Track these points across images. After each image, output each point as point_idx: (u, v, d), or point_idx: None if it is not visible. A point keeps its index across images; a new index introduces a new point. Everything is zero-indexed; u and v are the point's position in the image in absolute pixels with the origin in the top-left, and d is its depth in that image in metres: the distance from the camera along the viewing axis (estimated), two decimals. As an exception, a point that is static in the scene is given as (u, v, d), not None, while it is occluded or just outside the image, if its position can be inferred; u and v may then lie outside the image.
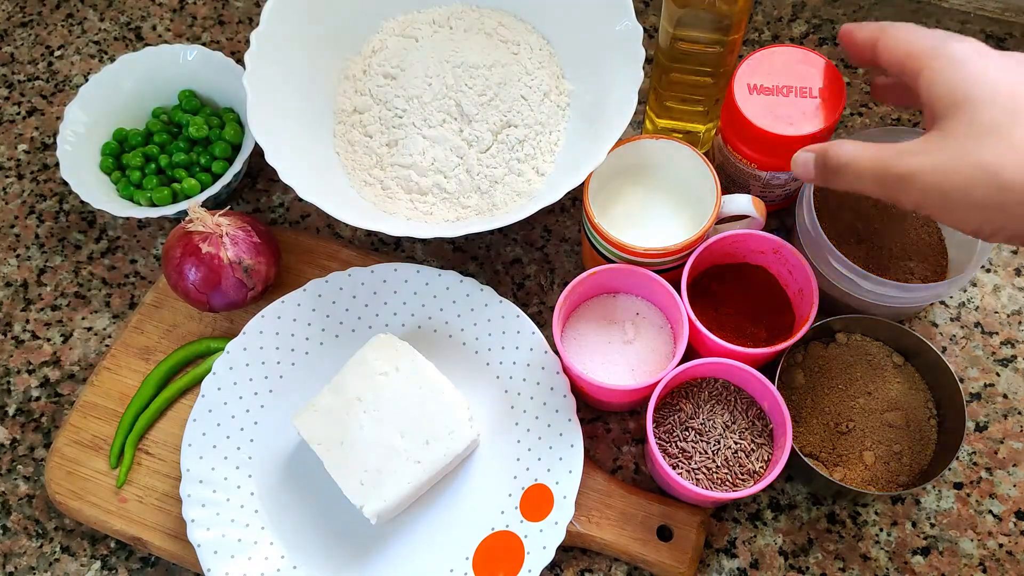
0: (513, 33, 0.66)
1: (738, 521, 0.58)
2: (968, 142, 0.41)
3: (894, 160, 0.43)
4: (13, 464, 0.62)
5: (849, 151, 0.45)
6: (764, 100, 0.54)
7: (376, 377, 0.56)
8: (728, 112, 0.56)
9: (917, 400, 0.56)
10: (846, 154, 0.46)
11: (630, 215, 0.58)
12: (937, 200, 0.42)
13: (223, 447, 0.58)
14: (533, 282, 0.65)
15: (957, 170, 0.41)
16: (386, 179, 0.62)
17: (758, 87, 0.54)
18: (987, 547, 0.56)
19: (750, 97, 0.54)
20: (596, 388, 0.54)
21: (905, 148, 0.43)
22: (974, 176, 0.40)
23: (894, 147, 0.44)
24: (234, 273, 0.59)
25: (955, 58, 0.42)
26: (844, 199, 0.62)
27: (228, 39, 0.77)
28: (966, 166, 0.41)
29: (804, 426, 0.56)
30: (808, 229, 0.56)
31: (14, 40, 0.78)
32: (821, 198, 0.61)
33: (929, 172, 0.42)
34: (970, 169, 0.40)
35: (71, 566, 0.59)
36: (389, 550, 0.56)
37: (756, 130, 0.54)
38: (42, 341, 0.66)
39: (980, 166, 0.40)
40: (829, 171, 0.47)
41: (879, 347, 0.57)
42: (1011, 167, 0.39)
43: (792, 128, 0.53)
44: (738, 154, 0.57)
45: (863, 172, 0.45)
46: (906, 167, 0.42)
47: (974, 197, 0.41)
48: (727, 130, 0.57)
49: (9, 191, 0.72)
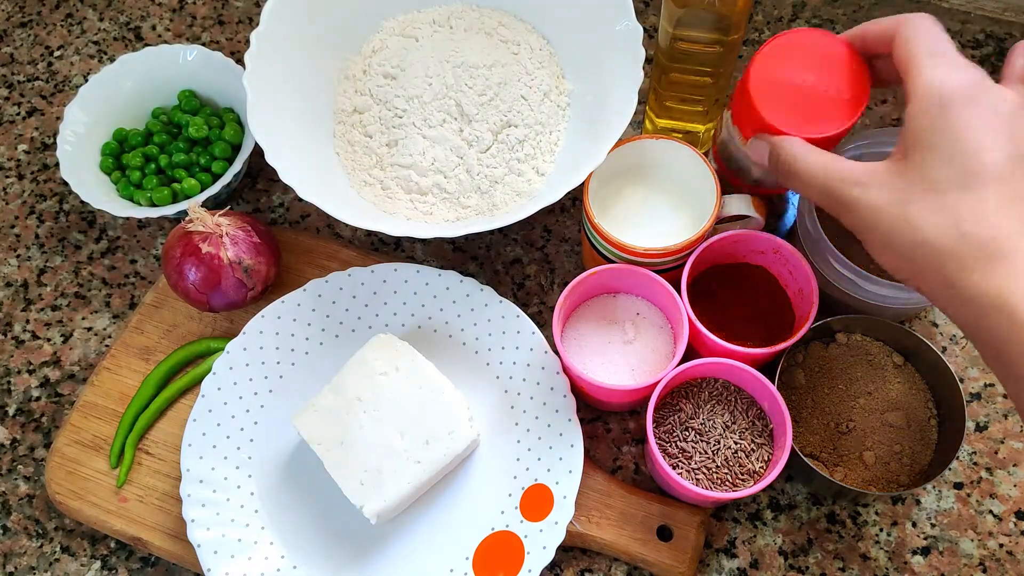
0: (513, 33, 0.66)
1: (738, 521, 0.58)
2: (911, 189, 0.41)
3: (838, 185, 0.43)
4: (13, 464, 0.62)
5: (799, 159, 0.45)
6: (780, 89, 0.48)
7: (376, 377, 0.56)
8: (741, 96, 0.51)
9: (917, 400, 0.56)
10: (795, 161, 0.45)
11: (630, 215, 0.58)
12: (866, 233, 0.43)
13: (223, 447, 0.58)
14: (533, 282, 0.65)
15: (889, 213, 0.41)
16: (386, 179, 0.62)
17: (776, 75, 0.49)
18: (987, 547, 0.56)
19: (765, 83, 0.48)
20: (596, 388, 0.54)
21: (852, 174, 0.43)
22: (898, 225, 0.41)
23: (844, 167, 0.44)
24: (234, 273, 0.59)
25: (942, 97, 0.41)
26: None
27: (228, 39, 0.77)
28: (898, 213, 0.41)
29: (804, 426, 0.56)
30: (809, 229, 0.56)
31: (14, 40, 0.78)
32: None
33: (865, 207, 0.42)
34: (898, 219, 0.41)
35: (71, 566, 0.59)
36: (389, 550, 0.56)
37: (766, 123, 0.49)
38: (42, 341, 0.66)
39: (906, 218, 0.40)
40: (780, 171, 0.47)
41: (879, 347, 0.57)
42: (931, 229, 0.40)
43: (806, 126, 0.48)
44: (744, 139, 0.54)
45: (810, 183, 0.45)
46: (849, 195, 0.43)
47: (894, 244, 0.41)
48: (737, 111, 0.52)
49: (9, 191, 0.72)
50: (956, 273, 0.39)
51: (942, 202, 0.40)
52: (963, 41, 0.71)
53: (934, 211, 0.40)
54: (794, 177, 0.46)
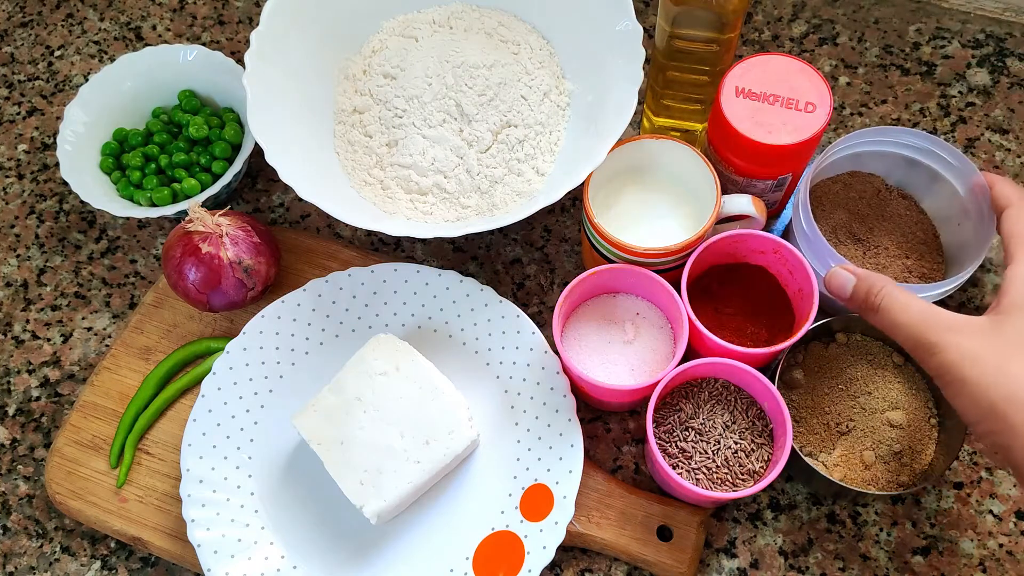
0: (513, 33, 0.66)
1: (738, 521, 0.58)
2: (1010, 345, 0.42)
3: (933, 327, 0.44)
4: (13, 464, 0.62)
5: (900, 302, 0.46)
6: (749, 105, 0.54)
7: (376, 377, 0.56)
8: (713, 115, 0.56)
9: (917, 400, 0.56)
10: (895, 303, 0.46)
11: (630, 215, 0.58)
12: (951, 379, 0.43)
13: (223, 447, 0.58)
14: (533, 282, 0.65)
15: (984, 363, 0.42)
16: (386, 179, 0.62)
17: (746, 91, 0.54)
18: (987, 547, 0.56)
19: (736, 100, 0.54)
20: (596, 388, 0.54)
21: (948, 320, 0.44)
22: (992, 377, 0.42)
23: (940, 313, 0.45)
24: (234, 273, 0.59)
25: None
26: (839, 199, 0.62)
27: (228, 39, 0.77)
28: (995, 365, 0.42)
29: (804, 426, 0.56)
30: (804, 229, 0.56)
31: (14, 40, 0.78)
32: (816, 198, 0.61)
33: (956, 352, 0.43)
34: (994, 370, 0.42)
35: (71, 566, 0.59)
36: (389, 550, 0.56)
37: (735, 133, 0.53)
38: (42, 341, 0.66)
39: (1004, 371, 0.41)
40: (867, 306, 0.48)
41: (879, 347, 0.57)
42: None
43: (770, 136, 0.53)
44: (719, 156, 0.57)
45: (902, 326, 0.46)
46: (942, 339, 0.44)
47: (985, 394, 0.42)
48: (712, 132, 0.57)
49: (9, 191, 0.72)
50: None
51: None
52: (963, 41, 0.71)
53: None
54: (885, 313, 0.47)
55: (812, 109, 0.53)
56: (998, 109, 0.68)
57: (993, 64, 0.70)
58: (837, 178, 0.62)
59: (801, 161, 0.56)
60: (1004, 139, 0.67)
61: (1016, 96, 0.69)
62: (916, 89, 0.70)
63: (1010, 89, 0.69)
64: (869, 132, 0.58)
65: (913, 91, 0.70)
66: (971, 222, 0.57)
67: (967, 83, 0.70)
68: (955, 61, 0.71)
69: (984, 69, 0.70)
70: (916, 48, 0.71)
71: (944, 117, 0.69)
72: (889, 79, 0.70)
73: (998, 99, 0.69)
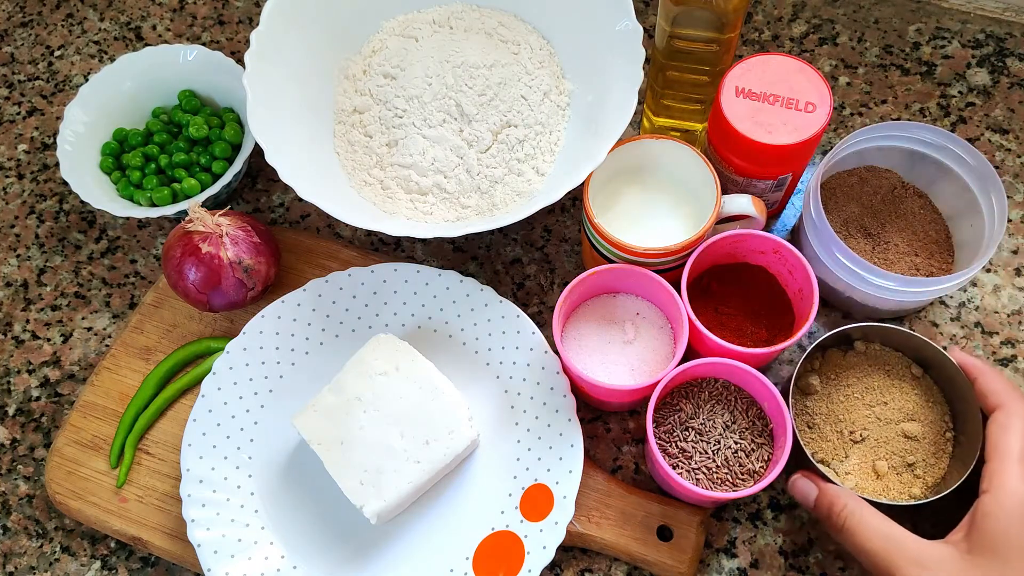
0: (513, 33, 0.66)
1: (738, 521, 0.58)
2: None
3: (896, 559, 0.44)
4: (13, 464, 0.62)
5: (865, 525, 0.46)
6: (749, 105, 0.54)
7: (376, 377, 0.56)
8: (713, 115, 0.56)
9: (934, 413, 0.55)
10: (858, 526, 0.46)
11: (630, 215, 0.58)
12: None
13: (223, 447, 0.58)
14: (533, 282, 0.65)
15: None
16: (386, 179, 0.62)
17: (746, 91, 0.54)
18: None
19: (736, 100, 0.54)
20: (596, 388, 0.54)
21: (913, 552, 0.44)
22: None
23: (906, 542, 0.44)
24: (234, 273, 0.59)
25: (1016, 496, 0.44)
26: (853, 193, 0.61)
27: (228, 39, 0.77)
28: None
29: (817, 432, 0.55)
30: (814, 221, 0.56)
31: (14, 40, 0.78)
32: (830, 190, 0.61)
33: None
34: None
35: (71, 566, 0.59)
36: (389, 550, 0.56)
37: (735, 133, 0.53)
38: (42, 341, 0.66)
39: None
40: (831, 524, 0.48)
41: (898, 357, 0.56)
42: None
43: (770, 136, 0.53)
44: (719, 156, 0.57)
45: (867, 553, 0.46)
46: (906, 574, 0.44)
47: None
48: (712, 132, 0.57)
49: (9, 191, 0.72)
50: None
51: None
52: (963, 41, 0.71)
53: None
54: (848, 535, 0.47)
55: (812, 109, 0.53)
56: (998, 109, 0.68)
57: (993, 64, 0.70)
58: (853, 171, 0.62)
59: (801, 161, 0.56)
60: (1004, 139, 0.67)
61: (1016, 96, 0.69)
62: (916, 89, 0.70)
63: (1010, 89, 0.69)
64: (878, 128, 0.58)
65: (913, 91, 0.70)
66: (983, 223, 0.57)
67: (967, 83, 0.70)
68: (955, 61, 0.71)
69: (984, 69, 0.70)
70: (916, 48, 0.71)
71: (944, 117, 0.69)
72: (889, 79, 0.70)
73: (998, 99, 0.69)
